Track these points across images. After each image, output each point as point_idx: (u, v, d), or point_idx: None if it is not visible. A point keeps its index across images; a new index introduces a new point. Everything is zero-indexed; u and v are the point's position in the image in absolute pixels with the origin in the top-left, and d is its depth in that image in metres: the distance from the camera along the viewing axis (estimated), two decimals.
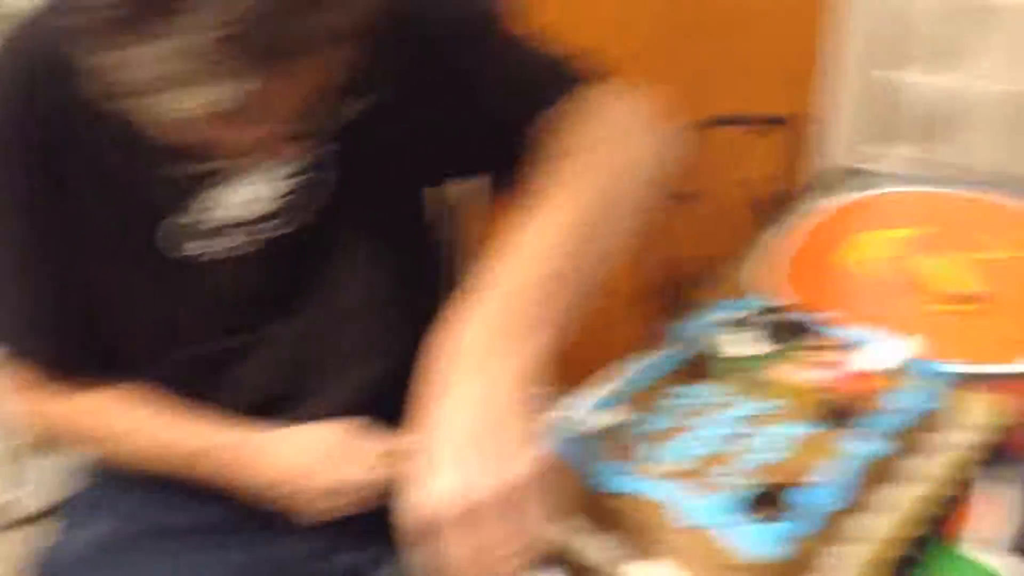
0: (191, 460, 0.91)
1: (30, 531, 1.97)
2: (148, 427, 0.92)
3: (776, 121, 1.36)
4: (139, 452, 0.93)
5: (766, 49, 1.67)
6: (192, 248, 0.86)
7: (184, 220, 0.85)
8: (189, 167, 0.81)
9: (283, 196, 0.87)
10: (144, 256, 0.86)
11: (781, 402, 0.74)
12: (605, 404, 0.75)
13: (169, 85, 0.60)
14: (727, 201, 1.34)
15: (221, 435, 0.90)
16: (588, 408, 0.75)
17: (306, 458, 0.87)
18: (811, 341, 0.80)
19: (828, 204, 1.23)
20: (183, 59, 0.59)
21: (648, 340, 0.98)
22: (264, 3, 0.58)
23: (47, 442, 0.98)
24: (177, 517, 1.00)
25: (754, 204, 1.34)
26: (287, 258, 0.89)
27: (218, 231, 0.86)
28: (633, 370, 0.81)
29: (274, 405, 0.93)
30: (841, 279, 1.06)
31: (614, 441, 0.70)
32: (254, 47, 0.59)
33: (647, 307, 1.29)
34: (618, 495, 0.67)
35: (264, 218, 0.87)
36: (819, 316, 0.83)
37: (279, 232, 0.88)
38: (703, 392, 0.76)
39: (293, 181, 0.87)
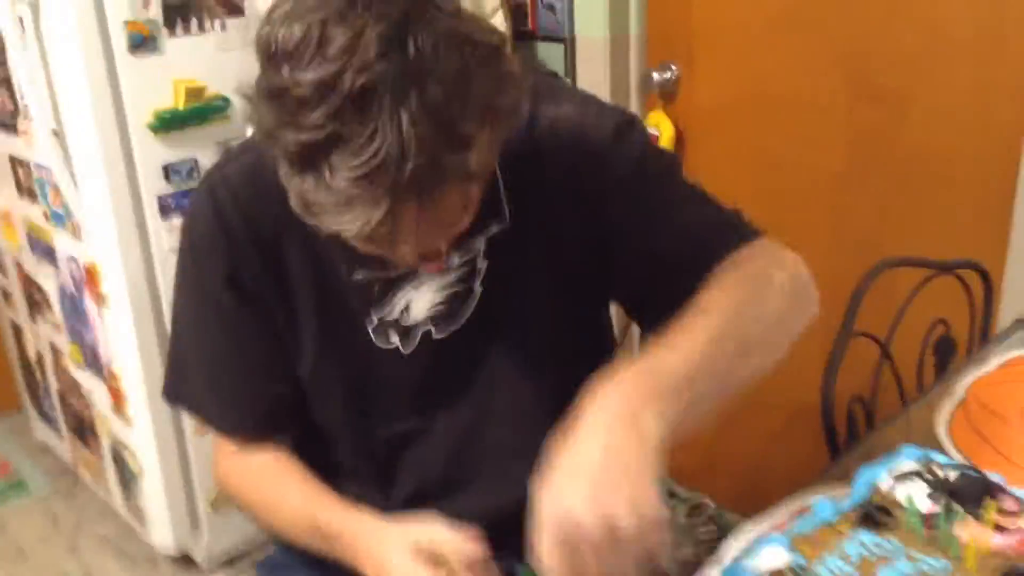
0: (325, 536, 0.97)
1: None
2: (295, 497, 1.01)
3: (967, 266, 1.36)
4: (282, 518, 1.02)
5: (961, 192, 1.67)
6: (394, 340, 0.99)
7: (388, 318, 0.98)
8: (376, 273, 0.95)
9: (436, 305, 0.98)
10: (351, 345, 0.99)
11: (959, 562, 0.75)
12: (782, 542, 0.78)
13: (331, 209, 0.73)
14: (911, 343, 1.34)
15: (351, 519, 0.96)
16: (764, 543, 0.78)
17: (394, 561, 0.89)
18: (992, 501, 0.81)
19: (1016, 353, 1.22)
20: (343, 188, 0.71)
21: (820, 477, 1.01)
22: (407, 145, 0.69)
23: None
24: None
25: (939, 348, 1.34)
26: (446, 360, 1.00)
27: (414, 329, 0.99)
28: (807, 509, 0.84)
29: (430, 494, 1.03)
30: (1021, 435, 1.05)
31: None
32: (399, 180, 0.70)
33: (819, 438, 1.30)
34: None
35: (430, 320, 0.99)
36: (1001, 477, 0.84)
37: (434, 337, 0.99)
38: (879, 542, 0.78)
39: (445, 293, 0.98)
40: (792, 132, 1.85)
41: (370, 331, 0.99)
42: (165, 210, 1.86)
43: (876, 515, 0.81)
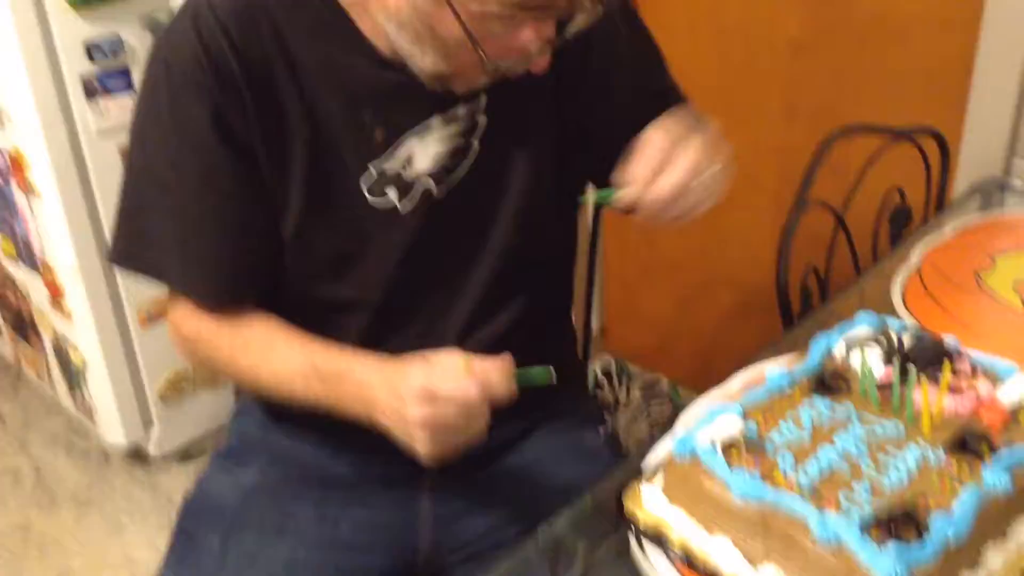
0: (324, 375, 0.91)
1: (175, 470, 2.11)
2: (282, 345, 0.94)
3: (923, 132, 1.33)
4: (271, 369, 0.94)
5: (917, 57, 1.63)
6: (391, 194, 0.93)
7: (389, 168, 0.92)
8: (384, 116, 0.90)
9: (439, 156, 0.94)
10: (350, 206, 0.92)
11: (913, 425, 0.74)
12: (735, 411, 0.76)
13: None
14: (866, 212, 1.32)
15: (355, 357, 0.91)
16: (717, 413, 0.76)
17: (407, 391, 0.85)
18: (948, 364, 0.79)
19: (971, 220, 1.21)
20: None
21: (772, 347, 1.00)
22: None
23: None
24: (327, 466, 1.06)
25: (894, 217, 1.32)
26: (436, 218, 0.96)
27: (413, 182, 0.93)
28: (760, 379, 0.82)
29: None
30: (978, 301, 1.04)
31: (744, 449, 0.72)
32: None
33: (775, 312, 1.28)
34: (753, 503, 0.68)
35: (430, 174, 0.94)
36: (955, 339, 0.83)
37: (433, 195, 0.95)
38: (835, 408, 0.77)
39: (448, 145, 0.94)
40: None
41: (364, 187, 0.92)
42: (90, 91, 1.75)
43: (830, 382, 0.80)
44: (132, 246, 0.97)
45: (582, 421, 1.17)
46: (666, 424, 0.89)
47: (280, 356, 0.94)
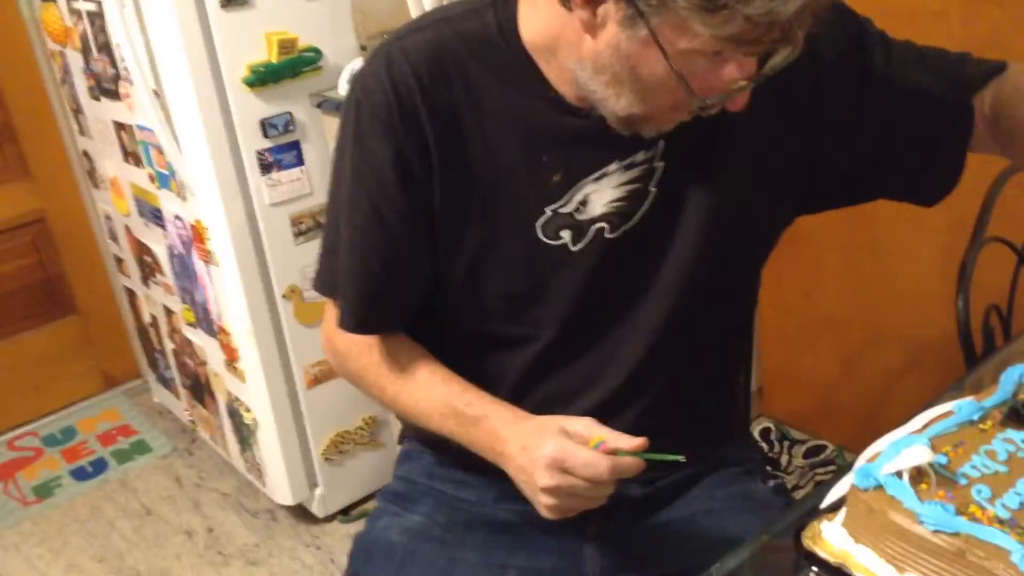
0: (461, 419, 0.96)
1: (338, 530, 2.16)
2: (426, 378, 0.99)
3: None
4: (412, 399, 1.00)
5: None
6: (565, 236, 0.95)
7: (564, 211, 0.94)
8: (562, 160, 0.92)
9: (614, 201, 0.94)
10: (526, 244, 0.95)
11: None
12: (922, 442, 0.72)
13: None
14: None
15: (494, 405, 0.95)
16: (902, 445, 0.73)
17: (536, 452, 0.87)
18: None
19: None
20: None
21: (954, 386, 0.95)
22: None
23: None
24: (492, 512, 1.07)
25: None
26: (615, 261, 0.96)
27: (587, 225, 0.95)
28: (953, 410, 0.78)
29: (559, 401, 1.01)
30: None
31: (935, 482, 0.68)
32: None
33: (947, 370, 1.22)
34: (948, 537, 0.64)
35: (605, 218, 0.95)
36: None
37: (606, 236, 0.95)
38: None
39: (624, 190, 0.94)
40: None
41: (538, 227, 0.95)
42: (264, 165, 1.87)
43: (1023, 412, 0.75)
44: (327, 273, 1.03)
45: (749, 471, 1.13)
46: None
47: (422, 389, 0.99)
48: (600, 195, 0.94)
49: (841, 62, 0.95)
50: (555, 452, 0.85)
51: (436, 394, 0.98)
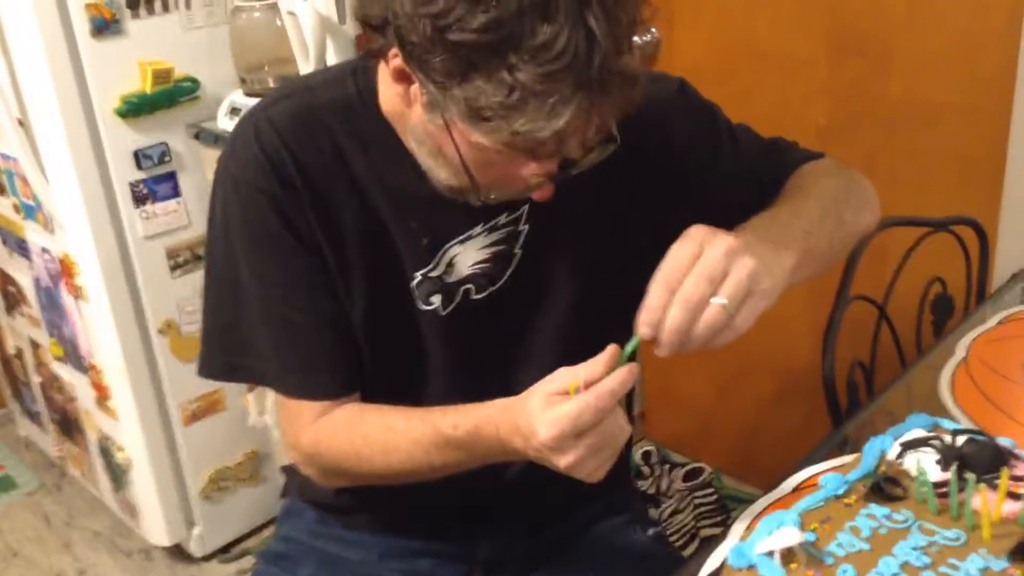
0: (459, 442, 0.88)
1: (216, 570, 2.10)
2: (403, 423, 0.92)
3: (960, 222, 1.34)
4: (399, 450, 0.91)
5: (950, 145, 1.64)
6: (435, 301, 0.95)
7: (433, 274, 0.94)
8: (426, 224, 0.92)
9: (479, 263, 0.96)
10: (389, 305, 0.95)
11: (974, 533, 0.73)
12: (792, 521, 0.76)
13: (514, 108, 0.73)
14: (908, 303, 1.32)
15: (477, 410, 0.88)
16: (774, 524, 0.76)
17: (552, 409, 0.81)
18: (1005, 468, 0.78)
19: (1015, 310, 1.20)
20: (529, 84, 0.72)
21: (822, 445, 1.00)
22: (594, 40, 0.72)
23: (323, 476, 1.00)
24: (380, 567, 1.07)
25: (936, 306, 1.32)
26: (482, 323, 0.97)
27: (455, 287, 0.95)
28: (813, 485, 0.82)
29: None
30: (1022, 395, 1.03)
31: (805, 562, 0.71)
32: (587, 76, 0.72)
33: (816, 398, 1.28)
34: None
35: (472, 279, 0.96)
36: (1011, 441, 0.82)
37: (472, 297, 0.97)
38: (893, 516, 0.76)
39: (489, 251, 0.95)
40: (775, 89, 1.82)
41: (412, 291, 0.95)
42: (138, 197, 1.81)
43: (885, 487, 0.79)
44: (231, 357, 0.98)
45: (630, 521, 1.16)
46: (711, 513, 0.88)
47: (405, 436, 0.91)
48: (466, 257, 0.95)
49: (692, 145, 0.99)
50: (551, 431, 0.76)
51: (421, 433, 0.90)
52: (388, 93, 0.90)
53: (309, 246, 0.92)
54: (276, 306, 0.94)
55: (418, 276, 0.94)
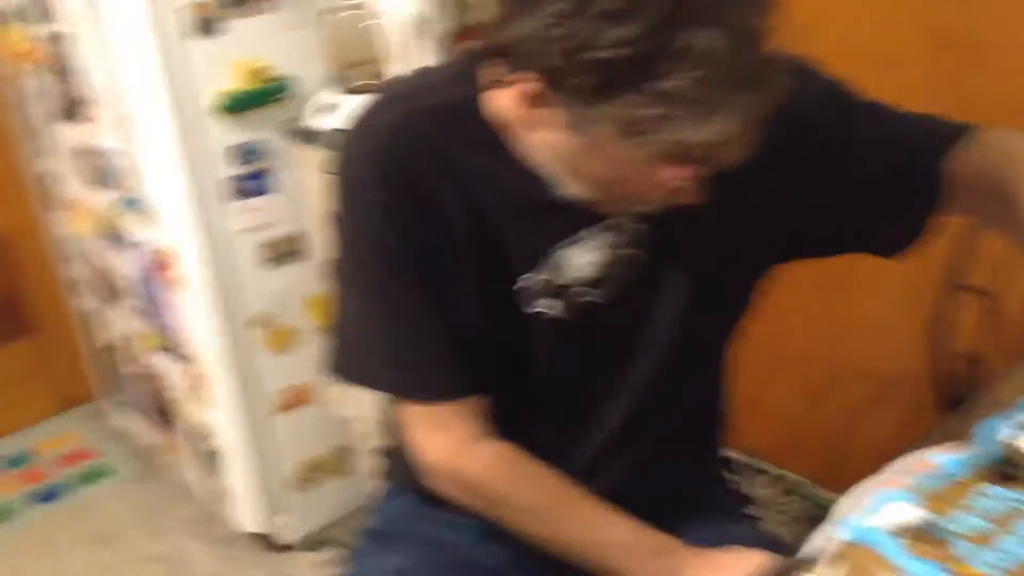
0: (606, 553, 0.95)
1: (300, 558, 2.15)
2: (576, 511, 0.97)
3: None
4: (554, 532, 0.97)
5: None
6: (542, 304, 0.95)
7: (541, 277, 0.94)
8: (534, 227, 0.92)
9: (607, 265, 0.95)
10: (499, 308, 0.95)
11: None
12: (907, 498, 0.75)
13: (664, 122, 0.72)
14: (1017, 292, 1.29)
15: (647, 537, 0.95)
16: (886, 500, 0.75)
17: None
18: None
19: None
20: (678, 95, 0.71)
21: (926, 437, 0.98)
22: (742, 40, 0.71)
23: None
24: (478, 550, 1.08)
25: None
26: (589, 324, 0.97)
27: (562, 290, 0.95)
28: (929, 466, 0.81)
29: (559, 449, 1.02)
30: None
31: (922, 538, 0.71)
32: (739, 77, 0.72)
33: (912, 404, 1.25)
34: None
35: (590, 283, 0.96)
36: None
37: (595, 300, 0.96)
38: (1012, 495, 0.75)
39: (613, 253, 0.94)
40: (869, 86, 1.78)
41: (517, 292, 0.95)
42: (233, 192, 1.86)
43: (1004, 469, 0.78)
44: (351, 359, 0.99)
45: (726, 513, 1.16)
46: (796, 522, 0.87)
47: (597, 522, 0.96)
48: (576, 259, 0.94)
49: (819, 126, 0.96)
50: None
51: (614, 526, 0.96)
52: (497, 100, 0.90)
53: (423, 253, 0.93)
54: (392, 311, 0.95)
55: (526, 279, 0.95)
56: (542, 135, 0.85)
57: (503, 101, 0.88)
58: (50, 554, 2.27)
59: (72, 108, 2.05)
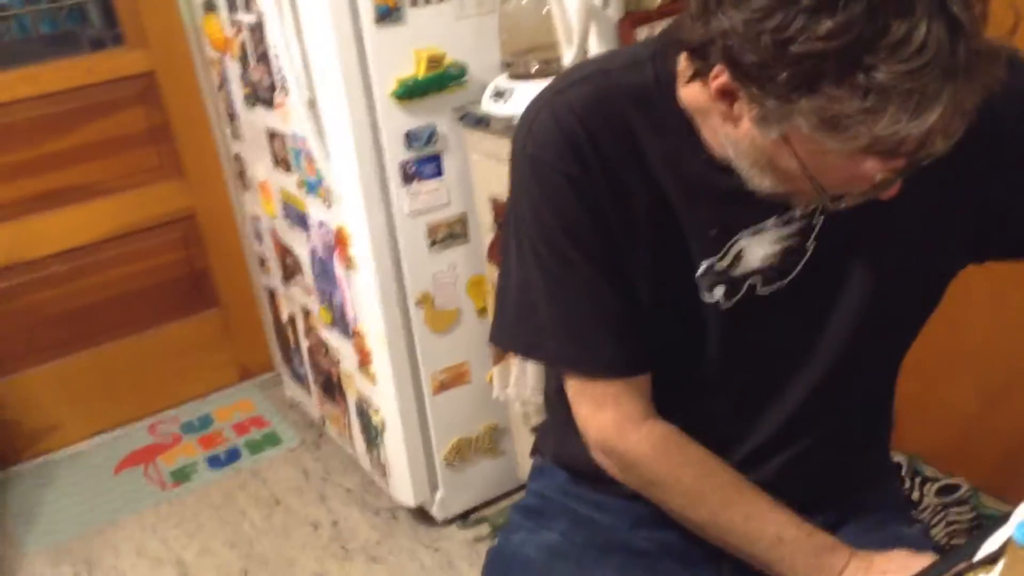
0: (764, 545, 0.95)
1: (455, 534, 2.21)
2: (736, 500, 0.97)
3: None
4: (712, 518, 0.98)
5: None
6: (717, 293, 0.95)
7: (719, 266, 0.94)
8: (718, 214, 0.91)
9: (769, 257, 0.94)
10: (675, 292, 0.96)
11: None
12: None
13: (869, 115, 0.71)
14: None
15: (808, 533, 0.95)
16: None
17: None
18: None
19: None
20: (894, 84, 0.69)
21: None
22: (958, 27, 0.69)
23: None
24: (631, 534, 1.09)
25: None
26: (763, 316, 0.96)
27: (740, 280, 0.95)
28: None
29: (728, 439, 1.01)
30: None
31: None
32: (954, 65, 0.70)
33: None
34: None
35: (769, 275, 0.95)
36: None
37: (773, 292, 0.95)
38: None
39: (781, 246, 0.94)
40: None
41: (696, 280, 0.95)
42: (406, 176, 1.94)
43: None
44: (521, 331, 1.01)
45: (895, 514, 1.12)
46: (965, 532, 0.83)
47: (756, 512, 0.97)
48: (756, 250, 0.93)
49: (1018, 119, 0.92)
50: None
51: (774, 519, 0.96)
52: (689, 87, 0.89)
53: (603, 228, 0.93)
54: (566, 283, 0.96)
55: (704, 266, 0.94)
56: (733, 128, 0.84)
57: (695, 91, 0.88)
58: (225, 516, 2.43)
59: (265, 93, 2.18)
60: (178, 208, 2.79)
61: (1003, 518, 0.81)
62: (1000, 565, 0.72)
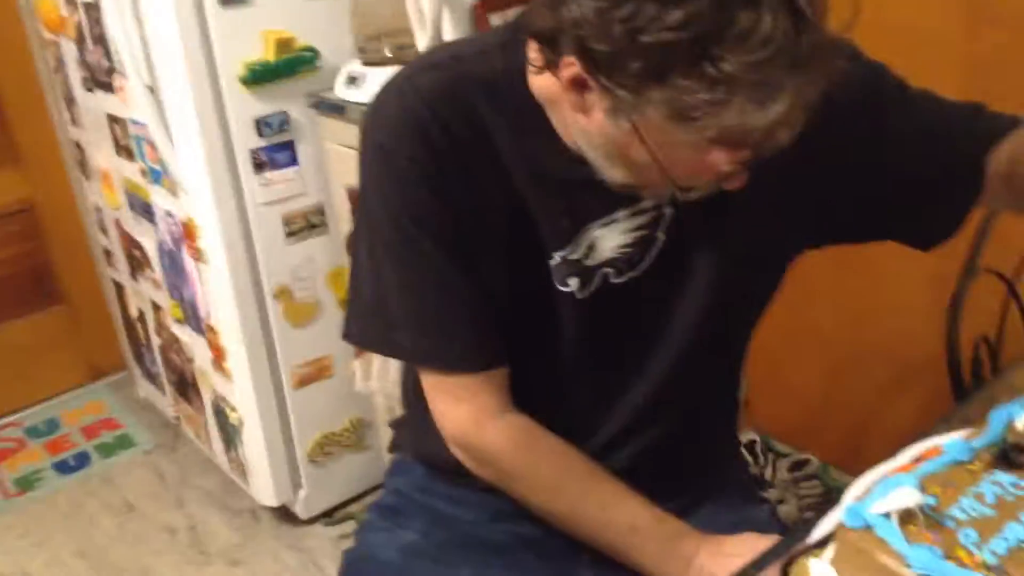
0: (619, 533, 0.95)
1: (320, 533, 2.16)
2: (592, 490, 0.97)
3: None
4: (569, 509, 0.97)
5: None
6: (572, 283, 0.94)
7: (572, 256, 0.93)
8: (569, 205, 0.91)
9: (621, 247, 0.94)
10: (528, 282, 0.94)
11: None
12: (911, 483, 0.72)
13: (717, 107, 0.71)
14: None
15: (660, 521, 0.95)
16: (892, 485, 0.73)
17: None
18: None
19: None
20: (731, 79, 0.70)
21: (942, 422, 0.95)
22: (802, 19, 0.70)
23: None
24: (490, 528, 1.07)
25: None
26: (619, 306, 0.96)
27: (594, 270, 0.94)
28: (936, 451, 0.78)
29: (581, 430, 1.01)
30: None
31: (923, 524, 0.68)
32: (798, 58, 0.70)
33: (933, 388, 1.23)
34: None
35: (620, 265, 0.94)
36: None
37: (611, 281, 0.95)
38: (1018, 482, 0.72)
39: (632, 236, 0.93)
40: (906, 63, 1.74)
41: (549, 271, 0.94)
42: (257, 164, 1.86)
43: (1013, 456, 0.75)
44: (372, 326, 0.98)
45: (744, 497, 1.14)
46: (818, 505, 0.86)
47: (611, 501, 0.97)
48: (608, 241, 0.93)
49: (856, 111, 0.93)
50: None
51: (624, 507, 0.96)
52: (539, 78, 0.88)
53: (453, 215, 0.91)
54: (418, 274, 0.93)
55: (557, 257, 0.94)
56: (583, 118, 0.83)
57: (546, 81, 0.86)
58: (74, 524, 2.31)
59: (104, 77, 2.06)
60: (15, 199, 2.62)
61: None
62: (831, 547, 0.73)
